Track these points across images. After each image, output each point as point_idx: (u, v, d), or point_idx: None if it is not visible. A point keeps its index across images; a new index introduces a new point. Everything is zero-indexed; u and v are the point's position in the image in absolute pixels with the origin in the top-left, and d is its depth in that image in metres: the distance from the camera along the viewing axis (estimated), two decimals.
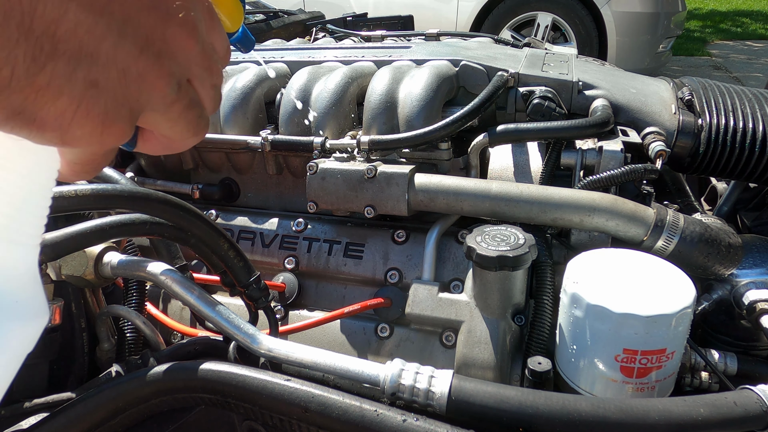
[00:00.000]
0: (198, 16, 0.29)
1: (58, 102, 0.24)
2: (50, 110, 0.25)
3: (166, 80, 0.28)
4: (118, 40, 0.25)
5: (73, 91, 0.25)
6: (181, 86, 0.29)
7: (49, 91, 0.24)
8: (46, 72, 0.24)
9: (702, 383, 0.76)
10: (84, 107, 0.25)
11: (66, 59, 0.24)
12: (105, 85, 0.26)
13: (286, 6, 2.36)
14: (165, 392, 0.65)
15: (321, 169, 0.90)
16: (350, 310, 0.85)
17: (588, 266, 0.69)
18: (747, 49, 6.98)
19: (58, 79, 0.24)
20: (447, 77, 0.99)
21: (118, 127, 0.27)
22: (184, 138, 0.32)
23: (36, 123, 0.25)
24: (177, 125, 0.30)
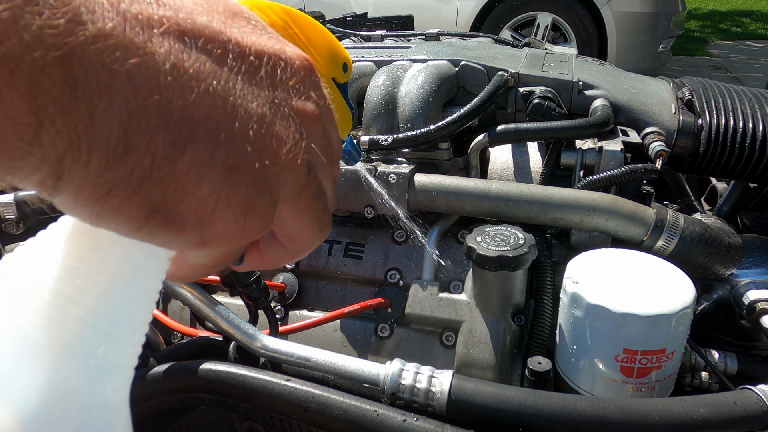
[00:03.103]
0: (319, 96, 0.28)
1: (198, 192, 0.23)
2: (190, 203, 0.23)
3: (298, 161, 0.26)
4: (249, 120, 0.24)
5: (213, 178, 0.23)
6: (311, 168, 0.27)
7: (189, 179, 0.22)
8: (185, 158, 0.22)
9: (702, 383, 0.76)
10: (225, 196, 0.23)
11: (204, 143, 0.22)
12: (245, 169, 0.24)
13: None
14: (165, 392, 0.65)
15: None
16: (350, 310, 0.85)
17: (588, 266, 0.69)
18: (747, 49, 6.98)
19: (197, 165, 0.22)
20: (447, 77, 0.99)
21: (261, 217, 0.25)
22: (308, 236, 0.29)
23: (175, 222, 0.23)
24: (304, 218, 0.28)
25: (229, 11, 0.26)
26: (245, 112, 0.24)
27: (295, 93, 0.27)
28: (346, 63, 0.44)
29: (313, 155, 0.27)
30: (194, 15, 0.24)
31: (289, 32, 0.38)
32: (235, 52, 0.24)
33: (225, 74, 0.24)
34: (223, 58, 0.24)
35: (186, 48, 0.22)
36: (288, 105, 0.26)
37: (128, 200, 0.21)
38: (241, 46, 0.25)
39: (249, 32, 0.26)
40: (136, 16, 0.21)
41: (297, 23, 0.39)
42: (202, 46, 0.23)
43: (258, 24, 0.27)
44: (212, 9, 0.25)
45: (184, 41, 0.23)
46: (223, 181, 0.23)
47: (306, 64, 0.28)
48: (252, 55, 0.25)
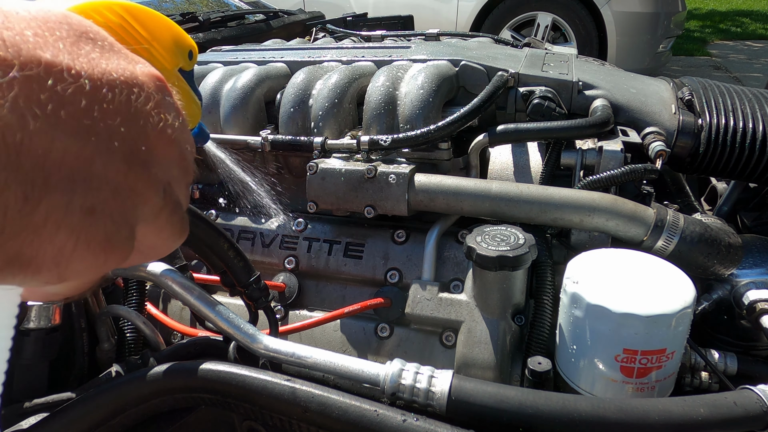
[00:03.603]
0: (175, 117, 0.28)
1: (56, 239, 0.22)
2: (47, 250, 0.22)
3: (155, 189, 0.27)
4: (107, 159, 0.24)
5: (72, 223, 0.23)
6: (166, 191, 0.28)
7: (46, 229, 0.22)
8: (41, 209, 0.21)
9: (702, 383, 0.76)
10: (84, 237, 0.23)
11: (60, 191, 0.22)
12: (102, 209, 0.24)
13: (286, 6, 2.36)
14: (165, 392, 0.65)
15: (321, 169, 0.90)
16: (350, 310, 0.85)
17: (588, 266, 0.68)
18: (747, 49, 6.98)
19: (54, 213, 0.22)
20: (447, 77, 0.99)
21: (121, 250, 0.26)
22: (169, 244, 0.30)
23: (31, 267, 0.22)
24: (163, 232, 0.29)
25: (73, 34, 0.25)
26: (102, 151, 0.24)
27: (152, 120, 0.26)
28: (191, 51, 0.44)
29: (167, 175, 0.28)
30: (39, 51, 0.22)
31: (129, 31, 0.38)
32: (87, 87, 0.23)
33: (79, 114, 0.23)
34: (76, 98, 0.23)
35: (33, 94, 0.21)
36: (144, 135, 0.26)
37: None
38: (92, 79, 0.24)
39: (97, 58, 0.25)
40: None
41: (137, 19, 0.39)
42: (50, 89, 0.22)
43: (105, 43, 0.26)
44: (56, 37, 0.24)
45: (30, 87, 0.21)
46: (81, 225, 0.23)
47: (159, 84, 0.28)
48: (105, 87, 0.24)
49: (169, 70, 0.42)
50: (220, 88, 1.07)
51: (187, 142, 0.31)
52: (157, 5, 2.03)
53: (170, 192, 0.29)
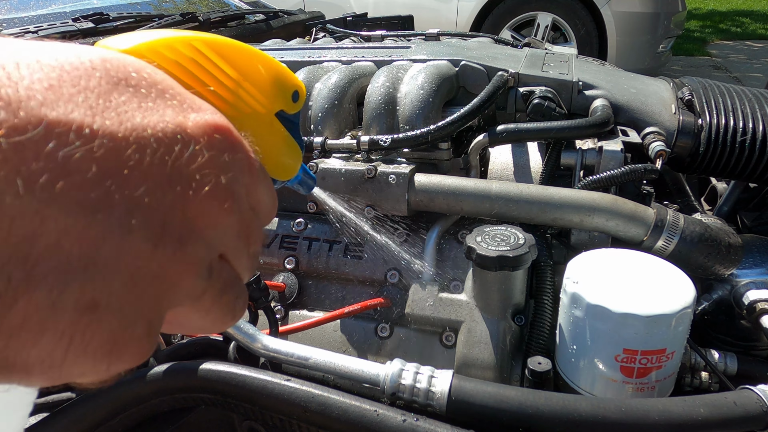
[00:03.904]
0: (235, 178, 0.23)
1: (41, 342, 0.18)
2: (31, 354, 0.18)
3: (194, 270, 0.22)
4: (123, 239, 0.19)
5: (60, 324, 0.18)
6: (213, 269, 0.23)
7: (24, 332, 0.18)
8: (17, 310, 0.17)
9: (702, 383, 0.76)
10: (79, 340, 0.19)
11: (47, 285, 0.18)
12: (108, 303, 0.19)
13: (286, 6, 2.36)
14: (165, 392, 0.65)
15: (321, 169, 0.90)
16: (350, 310, 0.85)
17: (588, 266, 0.69)
18: (747, 49, 6.98)
19: (36, 314, 0.18)
20: (447, 77, 0.99)
21: (132, 353, 0.21)
22: (218, 326, 0.26)
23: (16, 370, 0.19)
24: (210, 315, 0.24)
25: (107, 83, 0.21)
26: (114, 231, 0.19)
27: (196, 184, 0.21)
28: (297, 91, 0.38)
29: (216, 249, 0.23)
30: (45, 108, 0.18)
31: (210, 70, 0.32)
32: (103, 150, 0.19)
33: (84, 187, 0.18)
34: (85, 164, 0.18)
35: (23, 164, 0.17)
36: (182, 204, 0.21)
37: None
38: (114, 139, 0.19)
39: (132, 110, 0.21)
40: None
41: (223, 56, 0.32)
42: (49, 155, 0.18)
43: (151, 90, 0.22)
44: (80, 88, 0.20)
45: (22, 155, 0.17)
46: (75, 325, 0.19)
47: (216, 138, 0.23)
48: (131, 148, 0.20)
49: (263, 114, 0.36)
50: None
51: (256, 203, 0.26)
52: (158, 5, 2.03)
53: (220, 268, 0.24)
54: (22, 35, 1.34)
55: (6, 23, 1.51)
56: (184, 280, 0.22)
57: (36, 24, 1.47)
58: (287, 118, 0.38)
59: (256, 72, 0.34)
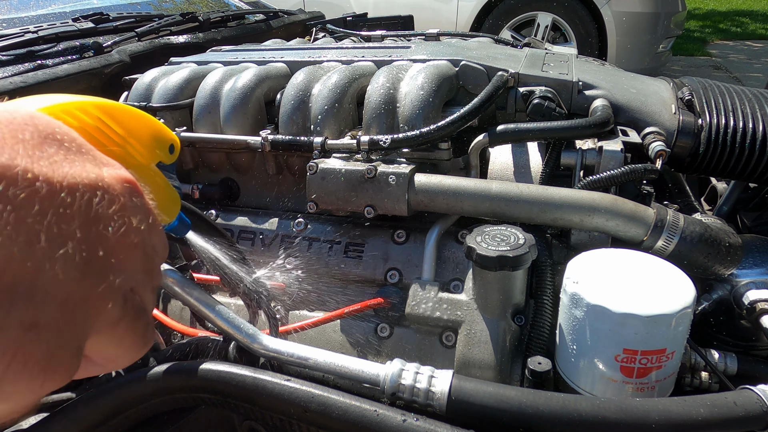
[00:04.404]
0: (142, 220, 0.27)
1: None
2: None
3: (113, 298, 0.25)
4: (59, 267, 0.22)
5: (5, 341, 0.20)
6: (127, 299, 0.26)
7: None
8: None
9: (702, 383, 0.76)
10: (20, 357, 0.21)
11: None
12: (46, 324, 0.22)
13: (286, 6, 2.36)
14: (165, 392, 0.65)
15: (321, 169, 0.90)
16: (350, 310, 0.85)
17: (588, 266, 0.68)
18: (747, 49, 6.98)
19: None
20: (447, 77, 0.99)
21: (64, 370, 0.23)
22: (131, 353, 0.28)
23: None
24: (124, 341, 0.27)
25: (38, 136, 0.24)
26: (51, 260, 0.22)
27: (114, 224, 0.25)
28: (173, 144, 0.44)
29: (129, 282, 0.26)
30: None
31: (104, 130, 0.37)
32: (43, 191, 0.22)
33: (29, 221, 0.21)
34: (29, 203, 0.21)
35: None
36: (103, 241, 0.24)
37: None
38: (51, 183, 0.22)
39: (61, 161, 0.24)
40: None
41: (113, 117, 0.38)
42: (2, 192, 0.21)
43: (72, 145, 0.25)
44: (17, 139, 0.23)
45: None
46: (18, 342, 0.21)
47: (126, 187, 0.26)
48: (64, 191, 0.23)
49: (145, 166, 0.42)
50: (220, 88, 1.07)
51: (156, 243, 0.29)
52: (158, 5, 2.03)
53: (132, 298, 0.27)
54: (22, 35, 1.34)
55: (6, 23, 1.51)
56: (105, 307, 0.24)
57: (36, 24, 1.47)
58: (166, 168, 0.45)
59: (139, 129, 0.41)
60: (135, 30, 1.54)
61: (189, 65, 1.21)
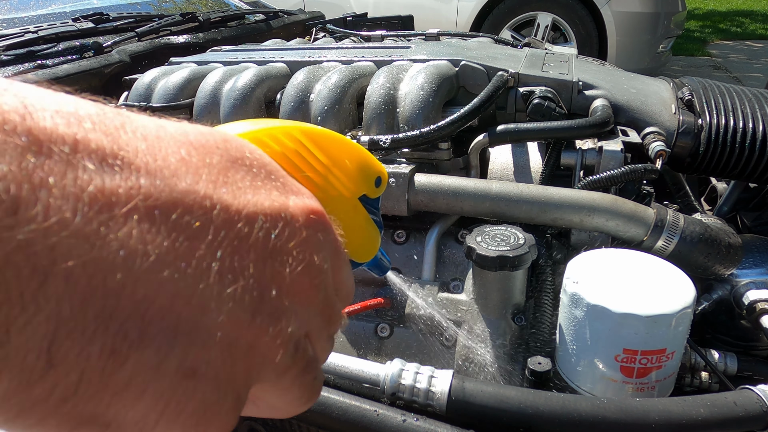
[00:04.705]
0: (325, 258, 0.24)
1: (139, 404, 0.18)
2: (127, 416, 0.18)
3: (284, 345, 0.22)
4: (226, 307, 0.20)
5: (162, 387, 0.18)
6: (299, 347, 0.23)
7: (128, 391, 0.18)
8: (127, 368, 0.17)
9: (702, 383, 0.76)
10: (174, 406, 0.19)
11: (156, 345, 0.18)
12: (206, 372, 0.19)
13: (286, 6, 2.36)
14: None
15: None
16: (350, 310, 0.85)
17: (588, 266, 0.69)
18: (747, 49, 6.98)
19: (142, 374, 0.18)
20: (447, 77, 0.99)
21: (219, 423, 0.20)
22: (292, 408, 0.25)
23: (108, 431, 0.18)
24: (288, 393, 0.24)
25: (226, 160, 0.22)
26: (218, 300, 0.19)
27: (293, 260, 0.22)
28: (380, 177, 0.40)
29: (303, 328, 0.24)
30: (175, 179, 0.19)
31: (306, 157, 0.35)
32: (219, 220, 0.20)
33: (200, 253, 0.19)
34: (203, 232, 0.19)
35: (153, 227, 0.18)
36: (279, 280, 0.22)
37: (43, 420, 0.17)
38: (229, 212, 0.20)
39: (245, 188, 0.22)
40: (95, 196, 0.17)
41: (318, 144, 0.35)
42: (175, 221, 0.19)
43: (261, 171, 0.23)
44: (203, 163, 0.21)
45: (152, 218, 0.18)
46: (174, 390, 0.19)
47: (312, 219, 0.24)
48: (242, 221, 0.21)
49: (347, 198, 0.38)
50: (220, 88, 1.07)
51: (340, 285, 0.27)
52: (158, 5, 2.03)
53: (304, 347, 0.24)
54: (22, 35, 1.34)
55: (6, 23, 1.51)
56: (274, 355, 0.22)
57: (36, 24, 1.47)
58: (369, 202, 0.41)
59: (345, 159, 0.37)
60: (135, 30, 1.54)
61: (189, 65, 1.21)
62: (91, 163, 0.17)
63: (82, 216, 0.17)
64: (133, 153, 0.19)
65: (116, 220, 0.17)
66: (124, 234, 0.17)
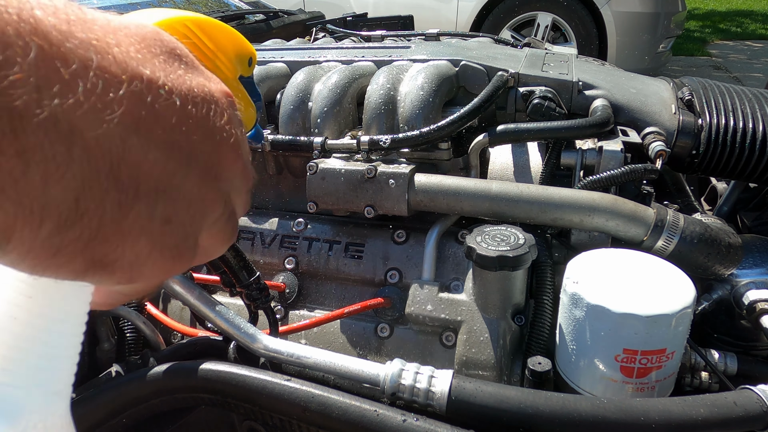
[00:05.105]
0: (238, 131, 0.29)
1: (137, 245, 0.24)
2: (128, 254, 0.24)
3: (220, 200, 0.29)
4: (187, 173, 0.25)
5: (152, 231, 0.24)
6: (226, 202, 0.30)
7: (131, 235, 0.24)
8: (130, 217, 0.23)
9: (702, 383, 0.76)
10: (159, 245, 0.25)
11: (147, 200, 0.24)
12: (177, 219, 0.26)
13: (286, 6, 2.36)
14: (165, 392, 0.65)
15: (321, 169, 0.90)
16: (350, 310, 0.85)
17: (588, 266, 0.69)
18: (747, 49, 6.98)
19: (140, 221, 0.24)
20: (447, 77, 0.99)
21: (186, 258, 0.27)
22: (220, 248, 0.32)
23: (110, 268, 0.24)
24: (216, 238, 0.30)
25: (165, 52, 0.26)
26: (183, 165, 0.25)
27: (224, 135, 0.28)
28: (251, 57, 0.46)
29: (231, 187, 0.30)
30: (140, 67, 0.24)
31: (199, 45, 0.39)
32: (177, 104, 0.25)
33: (169, 130, 0.24)
34: (168, 113, 0.24)
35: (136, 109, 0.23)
36: (217, 151, 0.27)
37: (72, 259, 0.22)
38: (181, 96, 0.25)
39: (183, 75, 0.26)
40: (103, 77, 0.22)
41: (206, 32, 0.40)
42: (150, 105, 0.23)
43: (188, 60, 0.28)
44: (152, 54, 0.25)
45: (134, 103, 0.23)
46: (159, 233, 0.25)
47: (229, 100, 0.29)
48: (190, 104, 0.26)
49: (231, 79, 0.44)
50: None
51: (248, 152, 0.32)
52: (157, 5, 2.03)
53: (230, 201, 0.30)
54: None
55: None
56: (214, 208, 0.28)
57: None
58: (246, 80, 0.46)
59: (226, 44, 0.42)
60: None
61: None
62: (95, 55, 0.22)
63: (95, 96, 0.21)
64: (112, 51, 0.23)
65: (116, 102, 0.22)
66: (119, 115, 0.22)
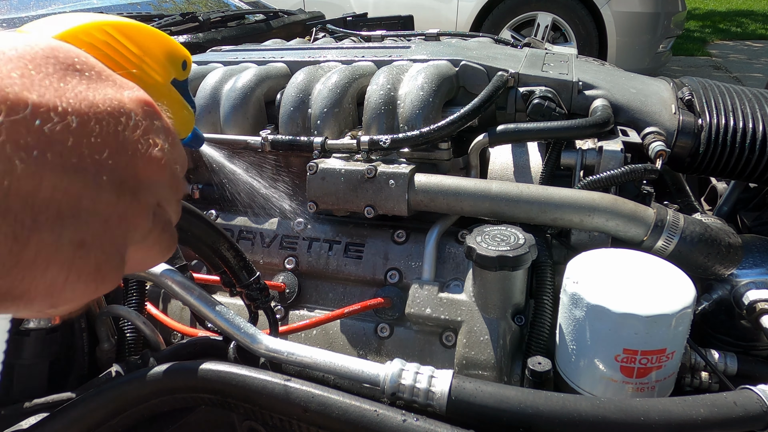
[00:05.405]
0: (164, 140, 0.29)
1: (48, 274, 0.23)
2: (39, 284, 0.23)
3: (145, 214, 0.28)
4: (96, 193, 0.24)
5: (62, 258, 0.24)
6: (155, 214, 0.29)
7: (36, 265, 0.23)
8: (30, 247, 0.22)
9: (702, 383, 0.76)
10: (75, 270, 0.24)
11: (49, 227, 0.23)
12: (92, 241, 0.25)
13: (286, 6, 2.36)
14: (165, 392, 0.65)
15: (321, 169, 0.90)
16: (350, 310, 0.85)
17: (588, 266, 0.69)
18: (747, 49, 6.98)
19: (44, 250, 0.23)
20: (447, 77, 0.99)
21: (111, 277, 0.26)
22: (157, 259, 0.31)
23: (23, 299, 0.23)
24: (152, 250, 0.30)
25: (60, 69, 0.25)
26: (90, 186, 0.24)
27: (140, 147, 0.27)
28: (185, 61, 0.45)
29: (156, 198, 0.29)
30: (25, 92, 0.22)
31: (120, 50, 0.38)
32: (73, 124, 0.24)
33: (66, 152, 0.23)
34: (63, 135, 0.23)
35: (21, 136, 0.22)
36: (133, 164, 0.26)
37: None
38: (80, 115, 0.24)
39: (84, 91, 0.25)
40: None
41: (128, 36, 0.39)
42: (37, 130, 0.22)
43: (93, 73, 0.26)
44: (42, 75, 0.24)
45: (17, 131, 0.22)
46: (72, 259, 0.24)
47: (147, 109, 0.28)
48: (92, 120, 0.24)
49: (161, 83, 0.43)
50: (220, 88, 1.07)
51: (177, 160, 0.31)
52: (157, 5, 2.03)
53: (160, 213, 0.30)
54: None
55: (6, 23, 1.51)
56: (139, 222, 0.28)
57: None
58: (180, 83, 0.45)
59: (153, 47, 0.41)
60: None
61: None
62: None
63: None
64: None
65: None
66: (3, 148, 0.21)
